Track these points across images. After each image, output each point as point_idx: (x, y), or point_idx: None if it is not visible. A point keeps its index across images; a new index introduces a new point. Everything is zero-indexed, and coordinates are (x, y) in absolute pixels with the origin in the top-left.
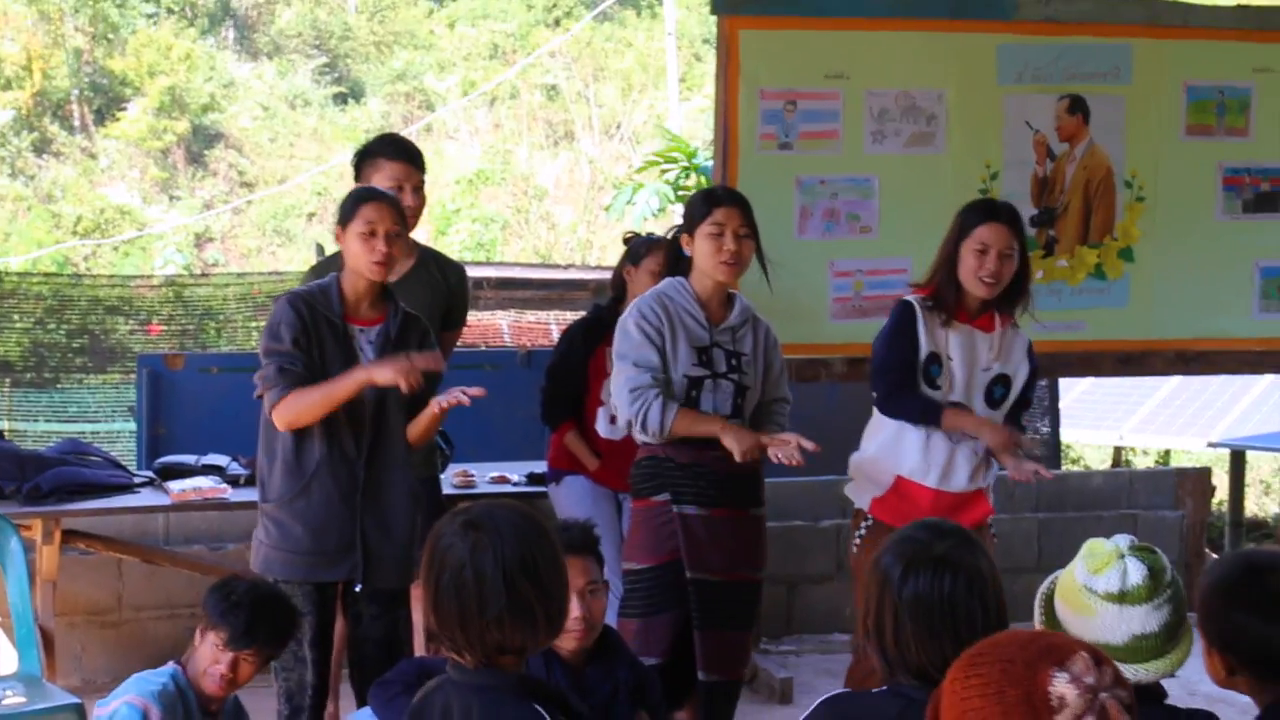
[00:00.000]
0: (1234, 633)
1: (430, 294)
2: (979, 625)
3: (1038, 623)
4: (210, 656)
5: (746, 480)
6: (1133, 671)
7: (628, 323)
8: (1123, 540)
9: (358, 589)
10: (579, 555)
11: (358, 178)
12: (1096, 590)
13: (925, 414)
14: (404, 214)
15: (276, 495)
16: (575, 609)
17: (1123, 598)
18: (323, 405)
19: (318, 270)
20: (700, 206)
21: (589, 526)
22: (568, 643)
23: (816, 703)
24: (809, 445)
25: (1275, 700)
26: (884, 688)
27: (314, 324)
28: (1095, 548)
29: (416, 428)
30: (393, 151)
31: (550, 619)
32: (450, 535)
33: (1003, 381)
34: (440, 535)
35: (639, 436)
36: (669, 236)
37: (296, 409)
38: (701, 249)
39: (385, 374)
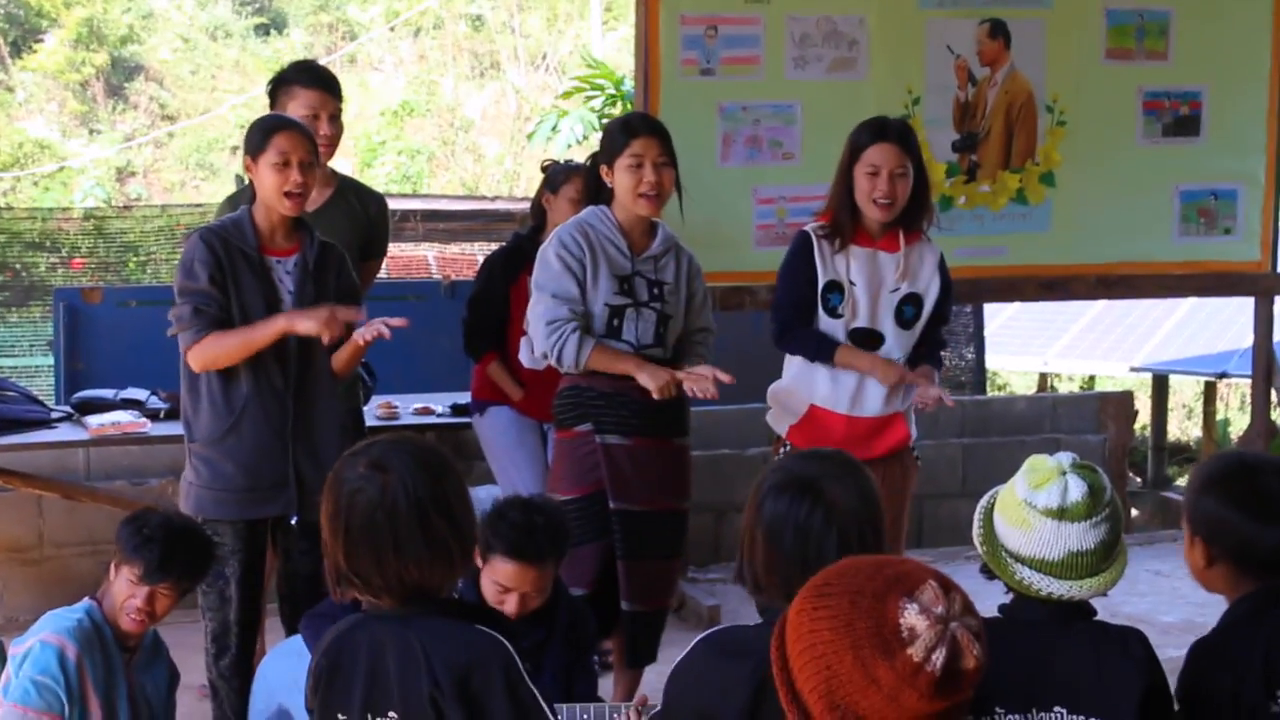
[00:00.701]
0: (1220, 526)
1: (349, 224)
2: (830, 556)
3: (976, 537)
4: (125, 591)
5: (670, 409)
6: (1066, 588)
7: (548, 252)
8: (1065, 458)
9: (293, 521)
10: (534, 564)
11: (273, 106)
12: (1036, 505)
13: (818, 352)
14: (316, 143)
15: (205, 434)
16: (511, 605)
17: (1062, 514)
18: (240, 351)
19: (232, 201)
20: (618, 137)
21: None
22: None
23: (694, 641)
24: (724, 378)
25: (1250, 591)
26: (761, 620)
27: (229, 258)
28: (1037, 464)
29: (339, 360)
30: (308, 79)
31: (465, 553)
32: (357, 478)
33: (913, 301)
34: (344, 478)
35: (557, 368)
36: (586, 164)
37: (213, 352)
38: (621, 181)
39: (308, 325)
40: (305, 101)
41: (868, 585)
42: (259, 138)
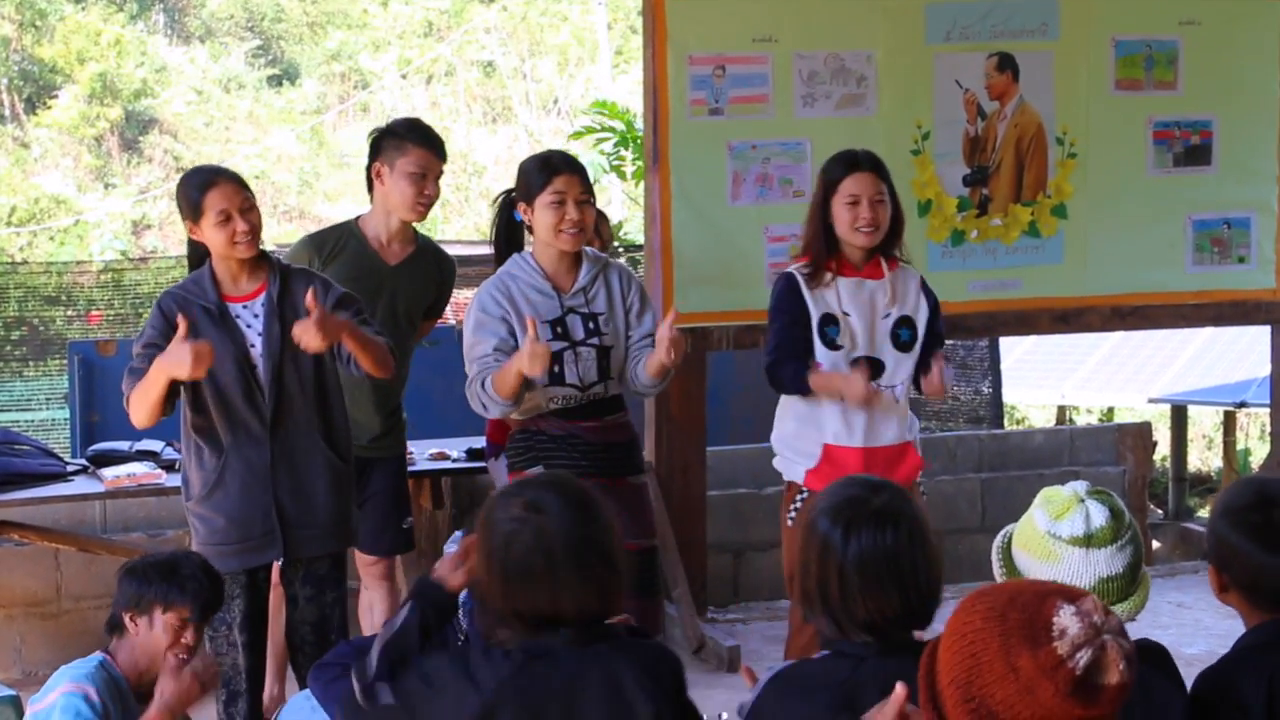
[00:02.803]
0: (1232, 555)
1: (424, 283)
2: (921, 574)
3: (998, 575)
4: (170, 636)
5: (621, 449)
6: None
7: (470, 317)
8: (1079, 486)
9: (278, 563)
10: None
11: (376, 156)
12: (1061, 535)
13: (796, 384)
14: (245, 183)
15: (195, 492)
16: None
17: (1089, 540)
18: (141, 399)
19: (315, 241)
20: (537, 176)
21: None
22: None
23: (763, 680)
24: (668, 322)
25: (1260, 623)
26: (825, 652)
27: (189, 317)
28: (1053, 495)
29: (359, 360)
30: (419, 138)
31: (619, 586)
32: (510, 520)
33: (906, 324)
34: (497, 519)
35: (501, 414)
36: (497, 200)
37: (135, 409)
38: (542, 218)
39: (178, 370)
40: (416, 160)
41: (1032, 588)
42: (193, 200)
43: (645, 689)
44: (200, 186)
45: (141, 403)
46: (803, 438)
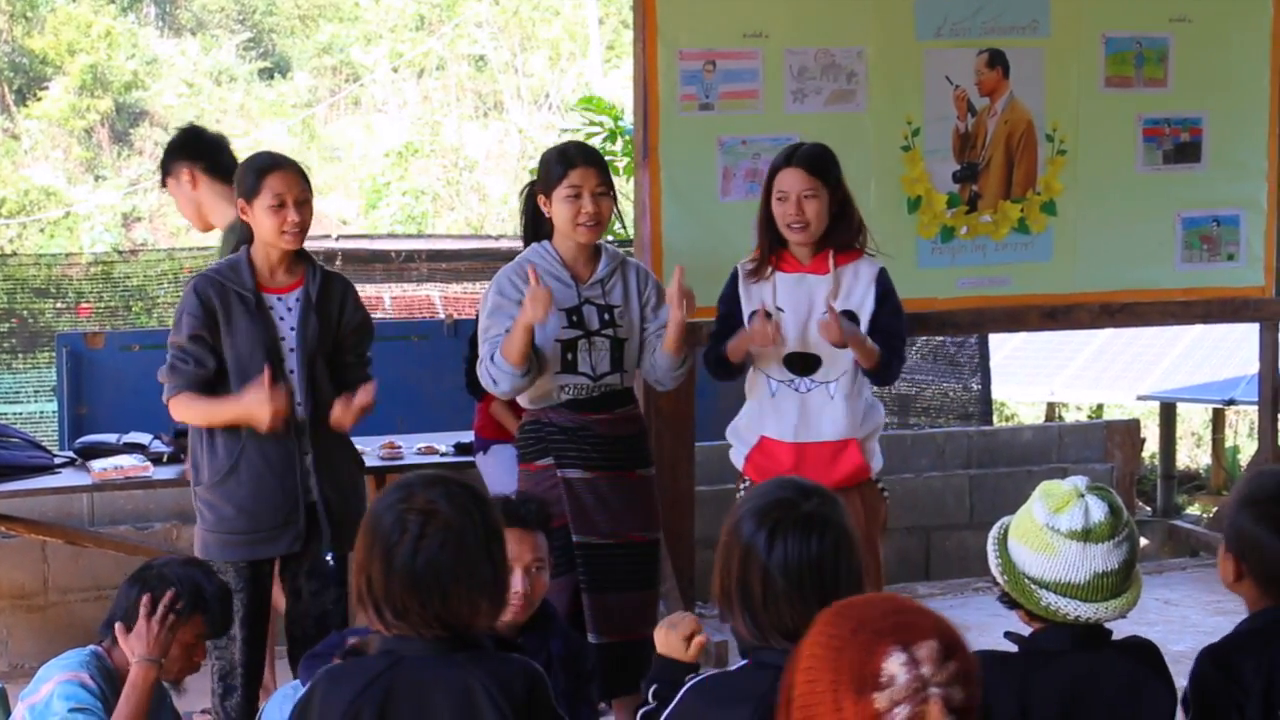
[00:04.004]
0: (1252, 546)
1: None
2: (843, 585)
3: (993, 566)
4: (196, 651)
5: (631, 441)
6: (1092, 610)
7: (487, 300)
8: (1079, 480)
9: (328, 557)
10: (530, 531)
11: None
12: (1060, 529)
13: (718, 362)
14: (308, 179)
15: (207, 479)
16: (518, 583)
17: (1087, 535)
18: (202, 423)
19: (233, 236)
20: (555, 168)
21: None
22: (504, 616)
23: (683, 690)
24: (675, 283)
25: (1263, 609)
26: (744, 661)
27: (224, 303)
28: (1052, 488)
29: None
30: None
31: (503, 589)
32: (399, 516)
33: (847, 318)
34: (383, 515)
35: (504, 395)
36: (522, 193)
37: (184, 414)
38: (560, 211)
39: (256, 423)
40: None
41: (875, 622)
42: (252, 180)
43: (494, 701)
44: (264, 167)
45: (197, 419)
46: (748, 427)
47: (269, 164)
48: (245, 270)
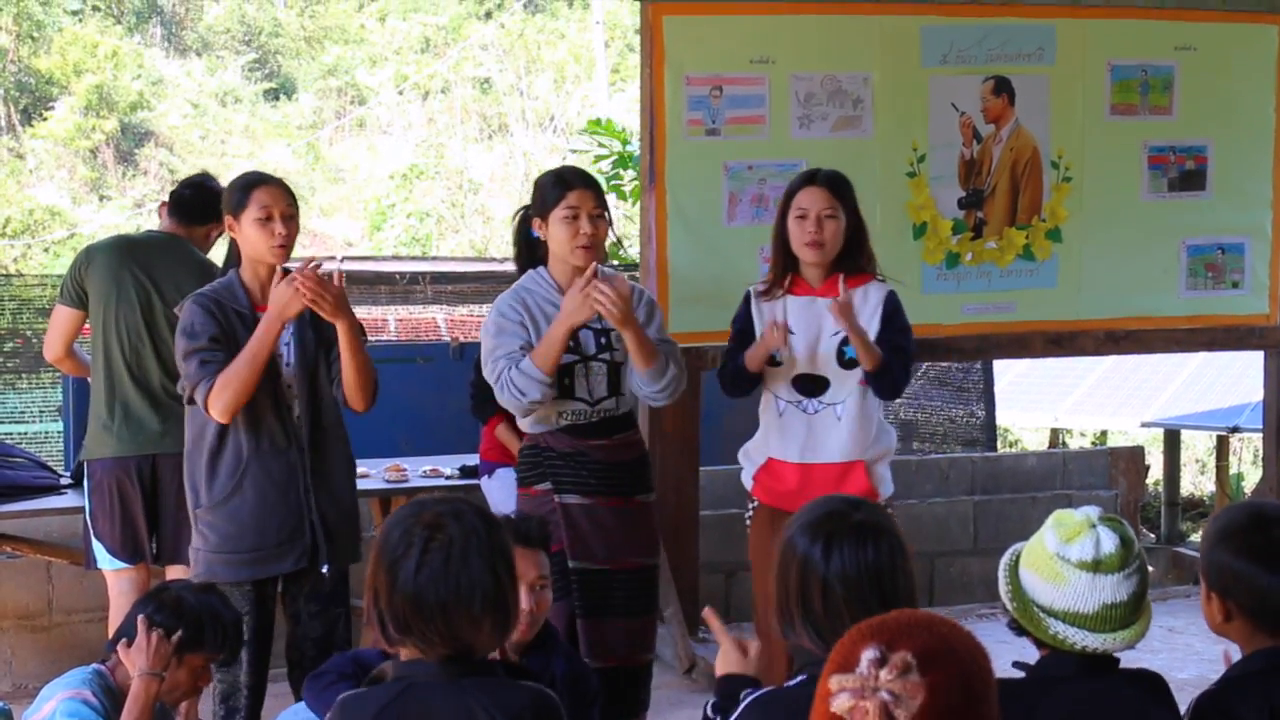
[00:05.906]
0: (1235, 580)
1: None
2: (903, 591)
3: (1003, 593)
4: (197, 677)
5: (630, 467)
6: (1100, 641)
7: (488, 326)
8: (1092, 510)
9: (324, 569)
10: (533, 549)
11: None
12: (1070, 559)
13: (735, 374)
14: (295, 196)
15: (207, 500)
16: (523, 601)
17: (1097, 566)
18: (249, 368)
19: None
20: (552, 190)
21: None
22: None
23: (744, 704)
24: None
25: (1259, 650)
26: (801, 676)
27: (226, 320)
28: (1064, 518)
29: (346, 363)
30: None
31: (512, 613)
32: (409, 538)
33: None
34: (395, 538)
35: (526, 409)
36: (515, 217)
37: (228, 389)
38: (556, 234)
39: (290, 306)
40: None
41: (887, 624)
42: (239, 195)
43: None
44: (250, 183)
45: (244, 366)
46: (758, 448)
47: (256, 179)
48: (239, 290)
